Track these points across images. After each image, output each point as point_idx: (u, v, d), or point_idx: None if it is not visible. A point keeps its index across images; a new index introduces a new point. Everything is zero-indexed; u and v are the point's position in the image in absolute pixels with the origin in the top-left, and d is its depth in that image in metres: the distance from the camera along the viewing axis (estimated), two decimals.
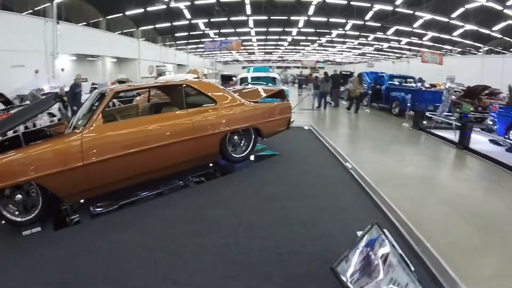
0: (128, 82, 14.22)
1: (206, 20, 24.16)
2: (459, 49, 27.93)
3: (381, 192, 3.73)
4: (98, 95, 4.06)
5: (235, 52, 37.82)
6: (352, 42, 32.64)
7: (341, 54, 42.96)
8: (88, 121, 3.36)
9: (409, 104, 10.15)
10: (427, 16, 20.17)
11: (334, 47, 37.15)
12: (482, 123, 9.88)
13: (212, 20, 23.66)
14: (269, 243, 2.77)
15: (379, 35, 26.59)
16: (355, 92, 12.00)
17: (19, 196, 3.12)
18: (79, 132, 3.26)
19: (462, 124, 6.90)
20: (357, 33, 27.30)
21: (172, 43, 33.08)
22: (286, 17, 23.84)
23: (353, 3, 19.81)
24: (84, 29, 19.81)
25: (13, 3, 15.28)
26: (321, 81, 13.31)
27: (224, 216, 3.33)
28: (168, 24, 26.02)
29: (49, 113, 8.40)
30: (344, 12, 21.94)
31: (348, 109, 12.40)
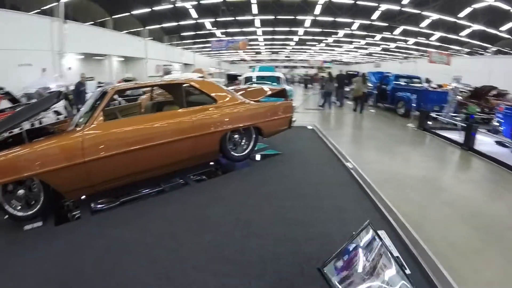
0: (135, 81, 14.35)
1: (213, 20, 24.23)
2: (466, 50, 27.55)
3: (381, 193, 3.70)
4: (100, 93, 4.11)
5: (242, 52, 37.76)
6: (359, 42, 32.41)
7: (348, 54, 42.70)
8: (89, 119, 3.41)
9: (414, 105, 10.05)
10: (434, 16, 19.96)
11: (341, 47, 36.92)
12: (488, 124, 9.75)
13: (219, 19, 23.74)
14: (266, 242, 2.77)
15: (386, 35, 26.38)
16: (358, 92, 11.95)
17: (21, 191, 3.20)
18: (80, 130, 3.31)
19: (467, 125, 6.82)
20: (364, 33, 27.13)
21: (179, 42, 33.23)
22: (293, 17, 23.76)
23: (359, 2, 19.69)
24: (91, 28, 19.93)
25: (20, 3, 15.49)
26: (325, 81, 13.30)
27: (223, 214, 3.34)
28: (174, 24, 26.14)
29: (55, 111, 8.51)
30: (350, 11, 21.83)
31: (354, 110, 12.34)
